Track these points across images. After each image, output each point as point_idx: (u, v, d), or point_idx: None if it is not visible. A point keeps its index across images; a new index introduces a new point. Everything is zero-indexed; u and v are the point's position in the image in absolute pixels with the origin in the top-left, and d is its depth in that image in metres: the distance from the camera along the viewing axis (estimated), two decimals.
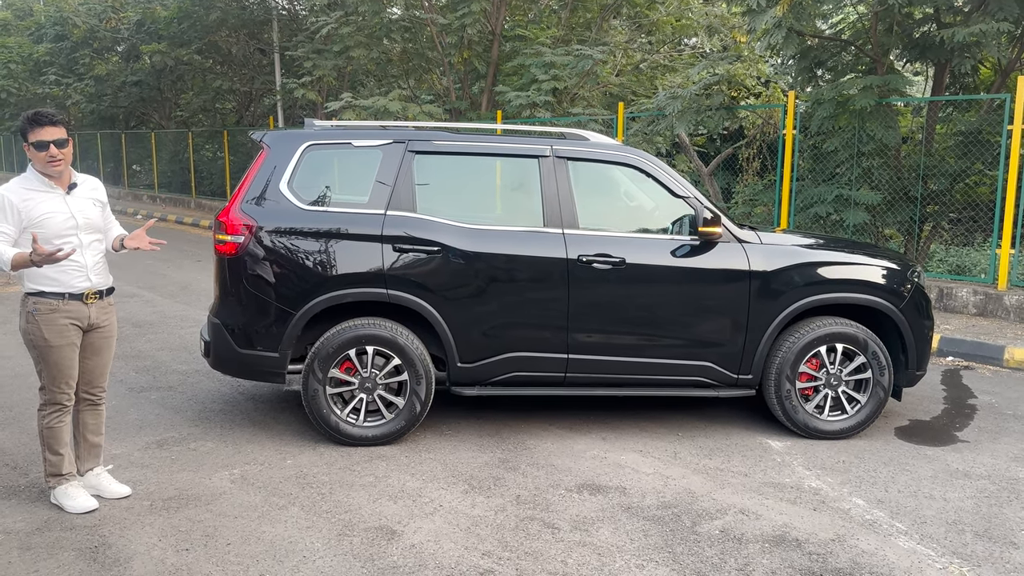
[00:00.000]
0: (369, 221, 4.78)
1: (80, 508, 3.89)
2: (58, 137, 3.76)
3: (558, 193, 4.92)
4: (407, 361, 4.77)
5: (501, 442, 4.96)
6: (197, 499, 4.07)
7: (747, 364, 5.02)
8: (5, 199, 3.71)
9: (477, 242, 4.80)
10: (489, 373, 4.91)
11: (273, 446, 4.85)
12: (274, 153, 4.90)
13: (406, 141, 4.92)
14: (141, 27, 22.39)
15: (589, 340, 4.90)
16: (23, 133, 3.75)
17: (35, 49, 28.65)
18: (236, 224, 4.76)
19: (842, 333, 5.00)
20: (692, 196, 4.99)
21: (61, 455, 3.94)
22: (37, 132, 3.71)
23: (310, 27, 16.48)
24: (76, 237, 3.84)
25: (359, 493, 4.18)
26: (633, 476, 4.46)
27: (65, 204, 3.83)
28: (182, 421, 5.28)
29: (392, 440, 4.84)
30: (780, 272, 4.96)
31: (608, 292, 4.87)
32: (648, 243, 4.96)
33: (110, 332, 4.07)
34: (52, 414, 3.89)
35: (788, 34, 8.52)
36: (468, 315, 4.83)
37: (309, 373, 4.75)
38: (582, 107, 14.05)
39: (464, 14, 14.26)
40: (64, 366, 3.86)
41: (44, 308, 3.79)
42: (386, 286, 4.75)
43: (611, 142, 5.18)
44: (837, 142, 9.70)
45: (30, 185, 3.80)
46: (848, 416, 5.09)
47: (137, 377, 6.31)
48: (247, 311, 4.81)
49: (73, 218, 3.84)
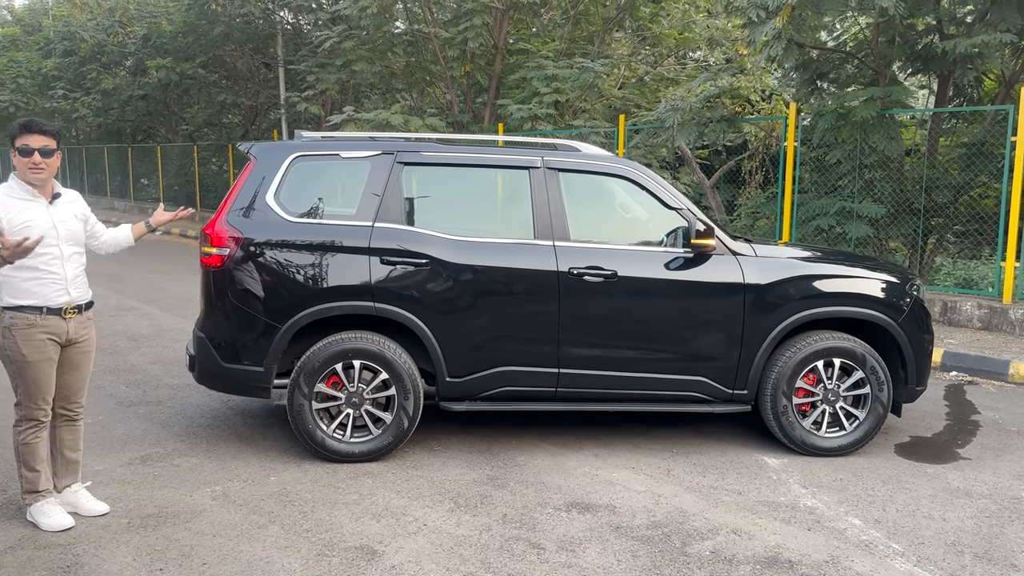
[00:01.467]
0: (356, 233, 4.70)
1: (56, 526, 3.80)
2: (44, 146, 3.74)
3: (549, 205, 4.84)
4: (395, 375, 4.68)
5: (491, 458, 4.86)
6: (176, 517, 3.98)
7: (742, 379, 4.91)
8: None
9: (466, 254, 4.72)
10: (478, 388, 4.81)
11: (258, 462, 4.76)
12: (261, 164, 4.84)
13: (395, 152, 4.85)
14: (147, 41, 22.52)
15: (580, 354, 4.80)
16: (12, 139, 3.74)
17: (44, 64, 28.87)
18: (222, 236, 4.70)
19: (839, 348, 4.89)
20: (685, 208, 4.90)
21: (37, 471, 3.85)
22: (25, 138, 3.70)
23: (313, 41, 16.52)
24: (57, 248, 3.79)
25: (342, 511, 4.08)
26: (624, 494, 4.35)
27: (47, 214, 3.80)
28: (168, 436, 5.20)
29: (379, 456, 4.75)
30: (775, 285, 4.86)
31: (599, 305, 4.78)
32: (640, 255, 4.87)
33: (88, 347, 4.01)
34: (28, 430, 3.82)
35: (788, 46, 8.45)
36: (457, 328, 4.74)
37: (295, 388, 4.67)
38: (584, 120, 14.00)
39: (466, 28, 14.26)
40: (41, 382, 3.79)
41: (21, 323, 3.72)
42: (373, 299, 4.67)
43: (603, 153, 5.11)
44: (839, 154, 9.60)
45: (12, 193, 3.76)
46: (846, 432, 4.97)
47: (127, 391, 6.24)
48: (232, 325, 4.74)
49: (55, 228, 3.79)
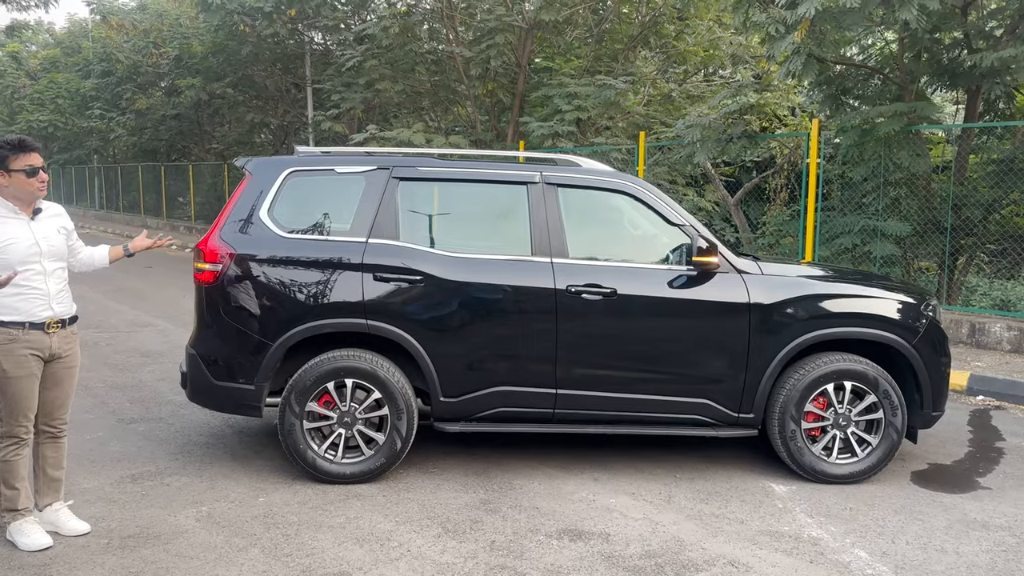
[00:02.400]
0: (349, 249, 4.62)
1: (33, 546, 3.73)
2: (43, 163, 3.77)
3: (547, 220, 4.72)
4: (387, 395, 4.57)
5: (487, 481, 4.72)
6: (157, 538, 3.90)
7: (748, 402, 4.72)
8: None
9: (461, 271, 4.61)
10: (474, 408, 4.68)
11: (249, 482, 4.67)
12: (256, 180, 4.79)
13: (390, 167, 4.77)
14: (180, 62, 22.91)
15: (578, 374, 4.65)
16: (4, 160, 3.66)
17: (82, 84, 29.55)
18: (215, 252, 4.64)
19: (850, 370, 4.69)
20: (688, 224, 4.75)
21: (17, 489, 3.77)
22: (27, 157, 3.68)
23: (338, 60, 16.65)
24: (40, 264, 3.75)
25: (326, 535, 3.97)
26: (620, 521, 4.18)
27: (29, 231, 3.76)
28: (163, 454, 5.14)
29: (371, 478, 4.63)
30: (782, 305, 4.67)
31: (598, 324, 4.63)
32: (641, 273, 4.72)
33: (72, 362, 3.96)
34: (9, 447, 3.75)
35: (808, 60, 8.26)
36: (451, 346, 4.62)
37: (286, 406, 4.58)
38: (606, 137, 13.89)
39: (488, 46, 14.27)
40: (23, 398, 3.73)
41: (3, 338, 3.67)
42: (366, 316, 4.57)
43: (604, 168, 4.98)
44: (863, 171, 9.37)
45: None
46: (858, 459, 4.75)
47: (129, 408, 6.21)
48: (224, 342, 4.67)
49: (37, 245, 3.76)
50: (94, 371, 7.39)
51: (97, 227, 27.56)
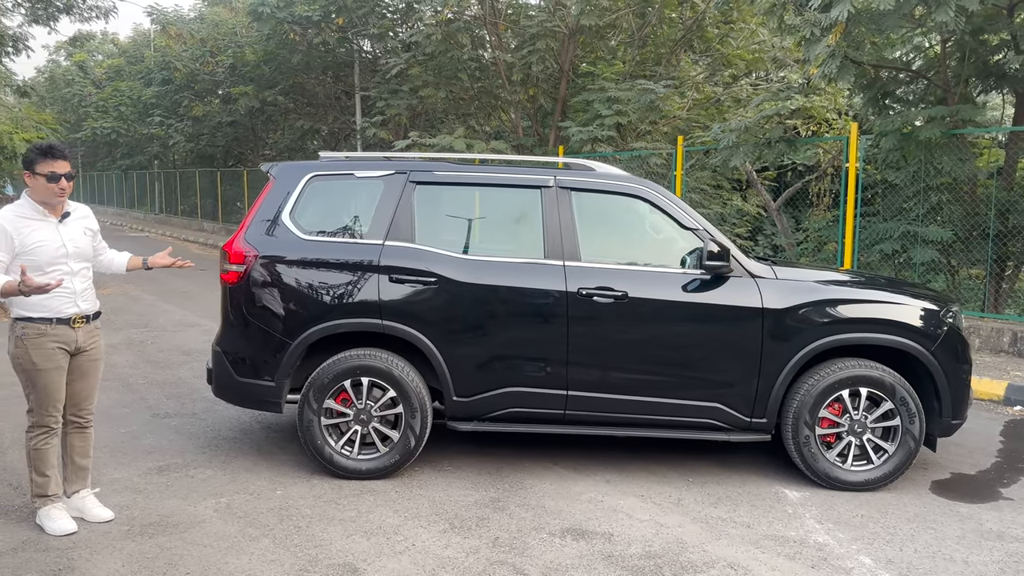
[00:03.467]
0: (367, 251, 4.75)
1: (59, 531, 3.94)
2: (68, 171, 3.91)
3: (560, 224, 4.78)
4: (402, 394, 4.69)
5: (499, 480, 4.79)
6: (175, 527, 4.07)
7: (761, 407, 4.71)
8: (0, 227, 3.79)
9: (474, 273, 4.71)
10: (486, 408, 4.77)
11: (269, 475, 4.83)
12: (279, 184, 4.96)
13: (408, 172, 4.89)
14: (234, 71, 23.56)
15: (589, 376, 4.70)
16: (31, 163, 3.84)
17: (144, 92, 30.56)
18: (239, 253, 4.82)
19: (866, 376, 4.64)
20: (701, 228, 4.76)
21: (47, 476, 4.00)
22: (51, 164, 3.83)
23: (382, 67, 16.94)
24: (66, 265, 3.94)
25: (335, 528, 4.09)
26: (625, 522, 4.21)
27: (57, 233, 3.94)
28: (192, 448, 5.34)
29: (386, 474, 4.75)
30: (795, 310, 4.65)
31: (609, 327, 4.67)
32: (653, 277, 4.75)
33: (96, 355, 4.15)
34: (39, 436, 3.97)
35: (843, 63, 8.15)
36: (464, 348, 4.71)
37: (304, 403, 4.73)
38: (646, 142, 13.86)
39: (530, 51, 14.37)
40: (52, 389, 3.94)
41: (32, 332, 3.88)
42: (381, 316, 4.70)
43: (618, 172, 5.02)
44: (903, 176, 9.19)
45: (24, 213, 3.89)
46: (874, 466, 4.70)
47: (165, 403, 6.45)
48: (246, 339, 4.85)
49: (64, 247, 3.94)
50: (136, 368, 7.69)
51: (157, 230, 28.44)
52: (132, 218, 35.37)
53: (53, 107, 39.73)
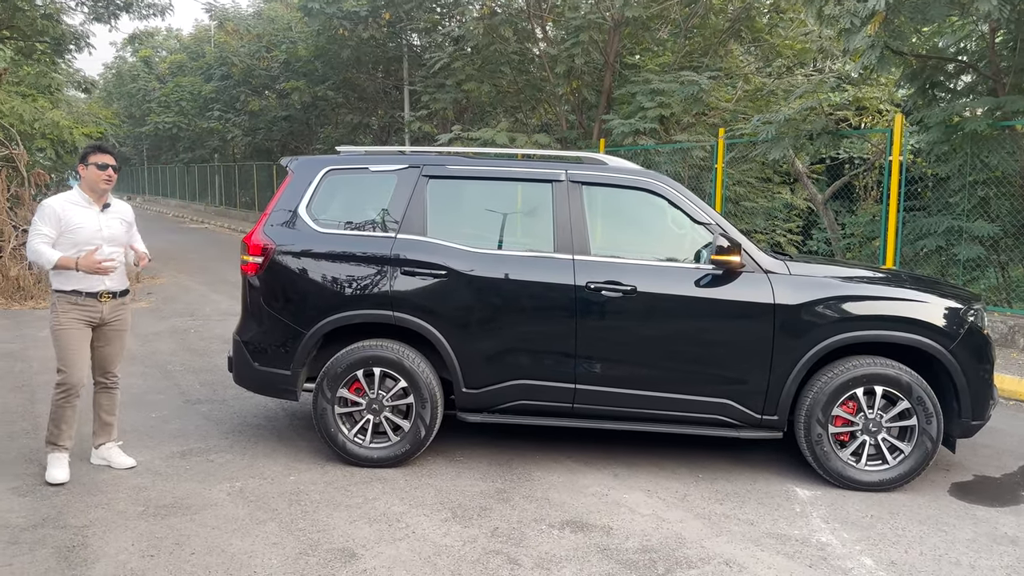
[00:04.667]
0: (379, 244, 4.84)
1: (52, 478, 4.49)
2: (114, 163, 4.65)
3: (570, 218, 4.79)
4: (413, 384, 4.77)
5: (507, 472, 4.84)
6: (188, 508, 4.23)
7: (772, 404, 4.65)
8: (49, 207, 4.51)
9: (483, 266, 4.75)
10: (495, 399, 4.82)
11: (285, 461, 4.96)
12: (297, 178, 5.09)
13: (421, 166, 4.96)
14: (288, 66, 24.03)
15: (597, 370, 4.71)
16: (86, 156, 4.57)
17: (204, 87, 31.39)
18: (258, 245, 4.96)
19: (881, 375, 4.54)
20: (713, 222, 4.72)
21: (61, 430, 4.54)
22: (102, 156, 4.58)
23: (427, 62, 17.08)
24: (101, 248, 4.52)
25: (341, 514, 4.19)
26: (626, 516, 4.22)
27: (96, 219, 4.59)
28: (216, 433, 5.51)
29: (397, 463, 4.84)
30: (808, 306, 4.58)
31: (617, 321, 4.67)
32: (663, 271, 4.73)
33: (121, 327, 4.72)
34: (60, 394, 4.53)
35: (883, 54, 7.94)
36: (473, 340, 4.77)
37: (319, 392, 4.84)
38: (690, 134, 13.70)
39: (573, 44, 14.32)
40: (72, 352, 4.50)
41: (64, 303, 4.50)
42: (392, 308, 4.78)
43: (630, 166, 5.00)
44: (948, 169, 8.91)
45: (73, 200, 4.58)
46: (889, 467, 4.60)
47: (198, 389, 6.66)
48: (264, 329, 4.99)
49: (100, 231, 4.58)
50: (176, 355, 7.95)
51: (216, 223, 29.21)
52: (193, 210, 36.36)
53: (119, 102, 41.11)
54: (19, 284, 11.32)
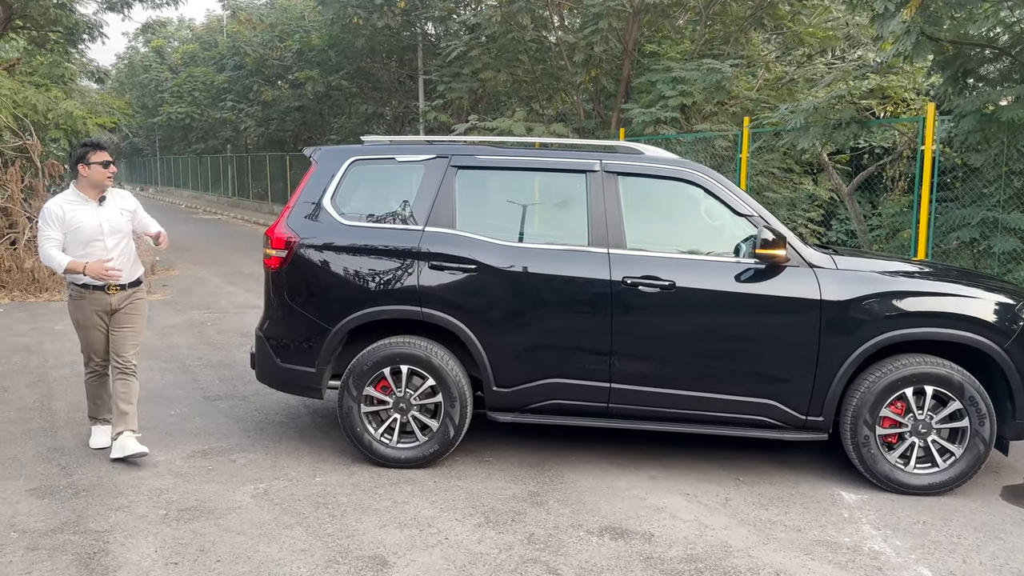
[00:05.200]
0: (406, 237, 4.67)
1: (95, 444, 4.89)
2: (112, 159, 4.79)
3: (605, 210, 4.60)
4: (441, 382, 4.60)
5: (539, 473, 4.67)
6: (211, 512, 4.08)
7: (817, 404, 4.46)
8: (50, 211, 4.61)
9: (515, 260, 4.57)
10: (526, 399, 4.64)
11: (310, 462, 4.81)
12: (321, 168, 4.91)
13: (449, 156, 4.78)
14: (301, 56, 23.85)
15: (634, 369, 4.53)
16: (85, 156, 4.62)
17: (216, 77, 31.26)
18: (281, 238, 4.79)
19: (932, 374, 4.34)
20: (756, 214, 4.52)
21: (96, 404, 4.97)
22: (102, 154, 4.67)
23: (443, 51, 16.87)
24: (103, 241, 4.67)
25: (370, 518, 4.03)
26: (668, 522, 4.04)
27: (96, 214, 4.69)
28: (237, 431, 5.37)
29: (425, 464, 4.67)
30: (856, 302, 4.37)
31: (655, 317, 4.49)
32: (703, 266, 4.53)
33: (132, 311, 4.83)
34: (88, 374, 4.95)
35: (918, 40, 7.68)
36: (504, 337, 4.59)
37: (344, 390, 4.68)
38: (712, 123, 13.45)
39: (592, 31, 14.08)
40: (90, 339, 4.82)
41: (75, 295, 4.74)
42: (420, 304, 4.61)
43: (667, 156, 4.80)
44: (983, 159, 8.65)
45: (70, 199, 4.69)
46: (939, 469, 4.41)
47: (217, 385, 6.52)
48: (287, 325, 4.82)
49: (101, 226, 4.67)
50: (194, 349, 7.81)
51: (229, 213, 29.10)
52: (206, 201, 36.31)
53: (132, 92, 41.04)
54: (34, 276, 11.22)
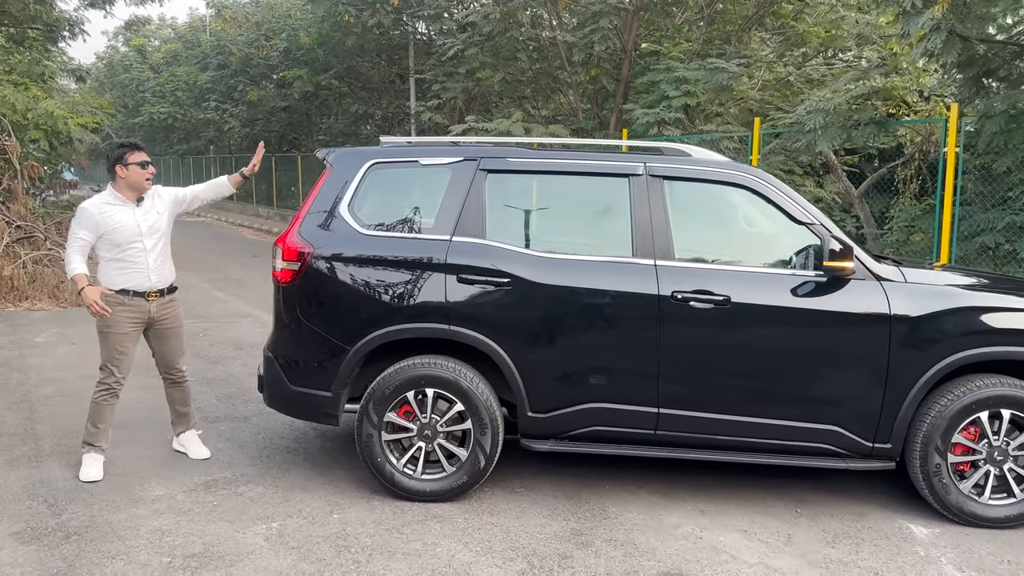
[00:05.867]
0: (432, 248, 4.24)
1: (85, 477, 4.46)
2: (150, 160, 4.62)
3: (651, 218, 4.19)
4: (471, 407, 4.18)
5: (578, 507, 4.25)
6: (221, 559, 3.63)
7: (885, 430, 4.07)
8: (87, 211, 4.48)
9: (553, 273, 4.15)
10: (565, 425, 4.22)
11: (325, 495, 4.37)
12: (336, 172, 4.47)
13: (478, 159, 4.35)
14: (288, 55, 23.31)
15: (684, 393, 4.12)
16: (122, 157, 4.48)
17: (199, 77, 30.60)
18: (293, 249, 4.35)
19: (1011, 396, 3.97)
20: (818, 223, 4.13)
21: (98, 429, 4.54)
22: (141, 155, 4.53)
23: (438, 49, 16.44)
24: (141, 243, 4.53)
25: (399, 564, 3.60)
26: (731, 566, 3.64)
27: (133, 216, 4.54)
28: (241, 458, 4.91)
29: (452, 497, 4.25)
30: (930, 318, 4.00)
31: (708, 336, 4.09)
32: (760, 279, 4.14)
33: (172, 323, 4.72)
34: (101, 393, 4.55)
35: (949, 38, 7.35)
36: (541, 357, 4.18)
37: (363, 416, 4.25)
38: (716, 124, 13.10)
39: (592, 30, 13.70)
40: (117, 350, 4.51)
41: (114, 300, 4.47)
42: (448, 321, 4.18)
43: (718, 158, 4.41)
44: (1009, 162, 8.34)
45: (107, 200, 4.54)
46: (1017, 500, 4.04)
47: (215, 405, 6.05)
48: (300, 345, 4.38)
49: (139, 227, 4.54)
50: (188, 363, 7.31)
51: (213, 215, 28.45)
52: None
53: (111, 92, 40.25)
54: (13, 283, 10.66)
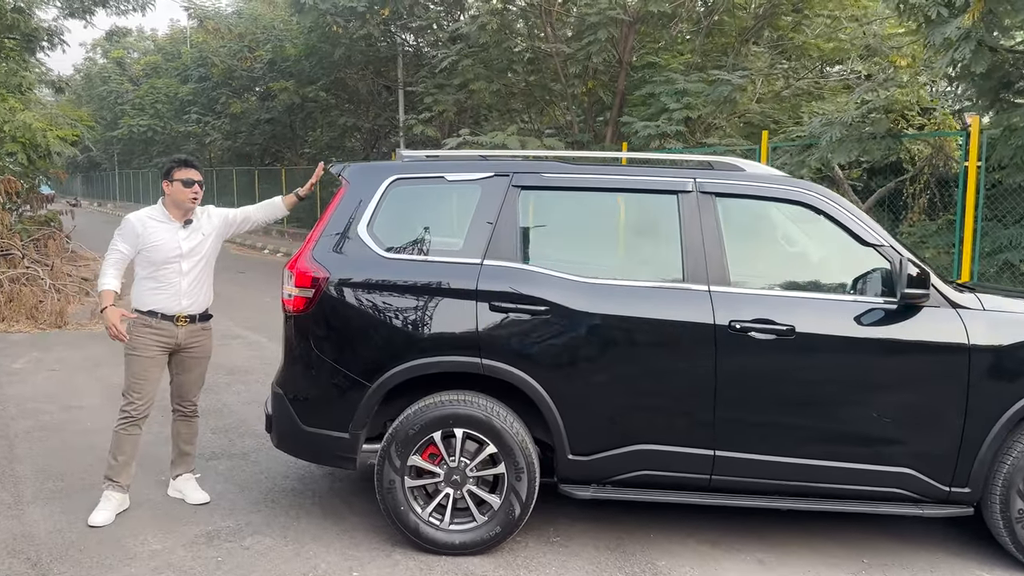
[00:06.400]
0: (461, 273, 3.82)
1: (98, 520, 4.12)
2: (200, 179, 4.41)
3: (703, 239, 3.81)
4: (504, 450, 3.76)
5: (624, 560, 3.84)
6: None
7: (963, 473, 3.70)
8: (130, 223, 4.30)
9: (596, 301, 3.75)
10: (609, 470, 3.81)
11: (340, 547, 3.92)
12: (354, 189, 4.05)
13: (510, 174, 3.95)
14: (273, 66, 22.84)
15: (743, 434, 3.73)
16: (170, 172, 4.31)
17: (180, 89, 30.04)
18: (306, 275, 3.92)
19: None
20: (887, 244, 3.76)
21: (118, 461, 4.24)
22: (187, 171, 4.31)
23: (431, 62, 16.09)
24: (178, 264, 4.29)
25: None
26: None
27: (176, 236, 4.32)
28: (244, 504, 4.46)
29: (484, 549, 3.82)
30: (1012, 349, 3.64)
31: (770, 370, 3.70)
32: (825, 306, 3.76)
33: (199, 354, 4.45)
34: (122, 423, 4.27)
35: (978, 48, 7.06)
36: (583, 394, 3.77)
37: (385, 460, 3.81)
38: (718, 137, 12.81)
39: (589, 42, 13.40)
40: (140, 376, 4.23)
41: (140, 322, 4.26)
42: (480, 354, 3.77)
43: (775, 173, 4.04)
44: None
45: (154, 216, 4.36)
46: None
47: (212, 439, 5.58)
48: (314, 380, 3.95)
49: (179, 247, 4.30)
50: None
51: None
52: None
53: (89, 105, 39.52)
54: None
